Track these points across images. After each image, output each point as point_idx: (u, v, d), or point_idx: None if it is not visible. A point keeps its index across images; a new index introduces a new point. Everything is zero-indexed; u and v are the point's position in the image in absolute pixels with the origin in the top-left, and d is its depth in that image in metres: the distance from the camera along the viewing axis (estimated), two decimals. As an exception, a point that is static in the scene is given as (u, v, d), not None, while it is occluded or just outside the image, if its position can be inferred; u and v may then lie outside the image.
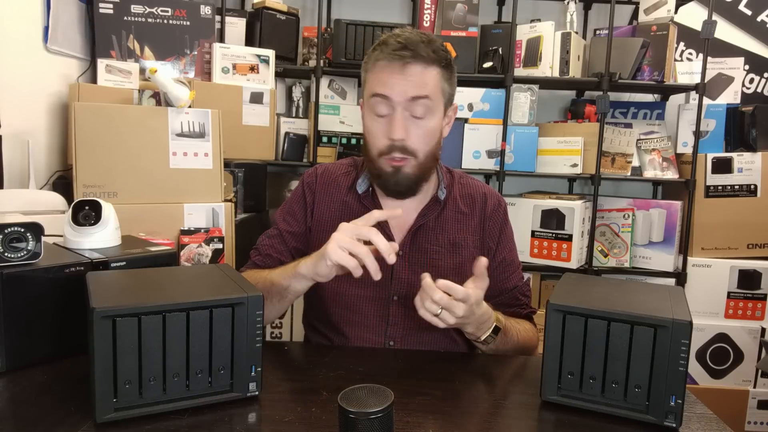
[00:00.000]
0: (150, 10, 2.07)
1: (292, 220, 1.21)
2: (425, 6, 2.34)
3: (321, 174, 1.23)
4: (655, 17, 2.35)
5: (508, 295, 1.21)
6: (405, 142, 1.07)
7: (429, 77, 1.06)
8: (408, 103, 1.06)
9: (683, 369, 0.78)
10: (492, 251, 1.20)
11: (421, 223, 1.16)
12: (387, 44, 1.07)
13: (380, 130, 1.09)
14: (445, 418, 0.82)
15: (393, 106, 1.06)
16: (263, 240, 1.23)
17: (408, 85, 1.05)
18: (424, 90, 1.06)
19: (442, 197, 1.18)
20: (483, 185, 1.26)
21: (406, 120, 1.07)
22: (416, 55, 1.04)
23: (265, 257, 1.20)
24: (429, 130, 1.09)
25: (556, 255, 2.33)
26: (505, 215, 1.24)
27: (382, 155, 1.09)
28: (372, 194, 1.18)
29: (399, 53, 1.04)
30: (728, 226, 2.35)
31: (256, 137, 2.14)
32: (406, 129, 1.06)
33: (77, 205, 1.08)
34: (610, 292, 0.91)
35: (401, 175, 1.09)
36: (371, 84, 1.09)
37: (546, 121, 2.59)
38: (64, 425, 0.74)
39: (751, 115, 2.35)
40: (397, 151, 1.07)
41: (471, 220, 1.20)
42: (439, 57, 1.07)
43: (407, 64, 1.04)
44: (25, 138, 1.73)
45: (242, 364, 0.82)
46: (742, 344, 2.33)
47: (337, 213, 1.19)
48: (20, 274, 0.90)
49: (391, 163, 1.09)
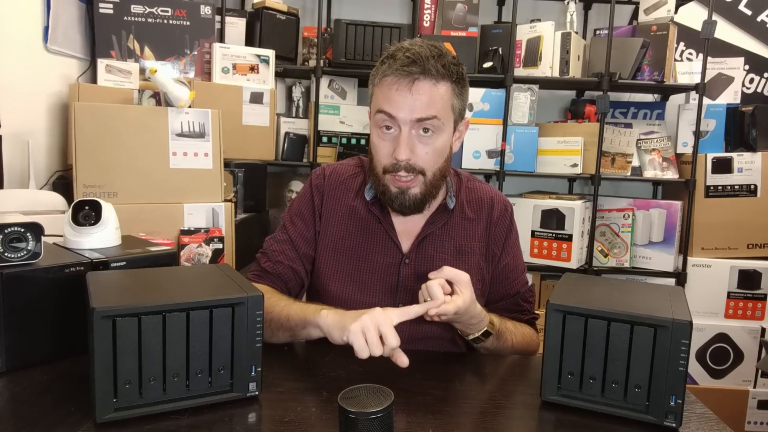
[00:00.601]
0: (150, 10, 2.07)
1: (301, 223, 1.18)
2: (425, 6, 2.34)
3: (329, 176, 1.20)
4: (655, 17, 2.35)
5: (509, 301, 1.20)
6: (410, 161, 1.04)
7: (438, 94, 1.02)
8: (414, 123, 1.02)
9: (683, 369, 0.78)
10: (496, 257, 1.19)
11: (428, 231, 1.14)
12: (395, 59, 1.02)
13: (385, 148, 1.06)
14: (445, 418, 0.82)
15: (399, 125, 1.03)
16: (272, 245, 1.19)
17: (415, 105, 1.01)
18: (431, 110, 1.02)
19: (451, 206, 1.15)
20: (490, 189, 1.24)
21: (412, 139, 1.03)
22: (425, 71, 1.00)
23: (275, 264, 1.16)
24: (436, 149, 1.06)
25: (556, 255, 2.33)
26: (511, 221, 1.22)
27: (387, 173, 1.06)
28: (380, 201, 1.15)
29: (407, 69, 1.00)
30: (728, 226, 2.35)
31: (256, 137, 2.14)
32: (411, 149, 1.03)
33: (77, 205, 1.08)
34: (610, 292, 0.91)
35: (408, 197, 1.06)
36: (378, 99, 1.05)
37: (546, 121, 2.59)
38: (64, 425, 0.74)
39: (751, 115, 2.35)
40: (402, 170, 1.04)
41: (477, 227, 1.18)
42: (449, 72, 1.03)
43: (416, 81, 1.00)
44: (25, 138, 1.73)
45: (242, 364, 0.82)
46: (742, 344, 2.33)
47: (344, 217, 1.17)
48: (20, 274, 0.90)
49: (396, 183, 1.06)
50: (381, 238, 1.14)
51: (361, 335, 0.87)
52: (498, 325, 1.07)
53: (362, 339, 0.87)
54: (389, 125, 1.04)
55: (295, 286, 1.18)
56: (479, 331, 1.04)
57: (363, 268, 1.13)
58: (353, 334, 0.87)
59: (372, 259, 1.13)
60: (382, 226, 1.14)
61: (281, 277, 1.16)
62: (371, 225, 1.15)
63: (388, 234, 1.14)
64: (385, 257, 1.14)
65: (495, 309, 1.15)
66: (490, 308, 1.12)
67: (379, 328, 0.88)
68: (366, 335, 0.87)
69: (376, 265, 1.14)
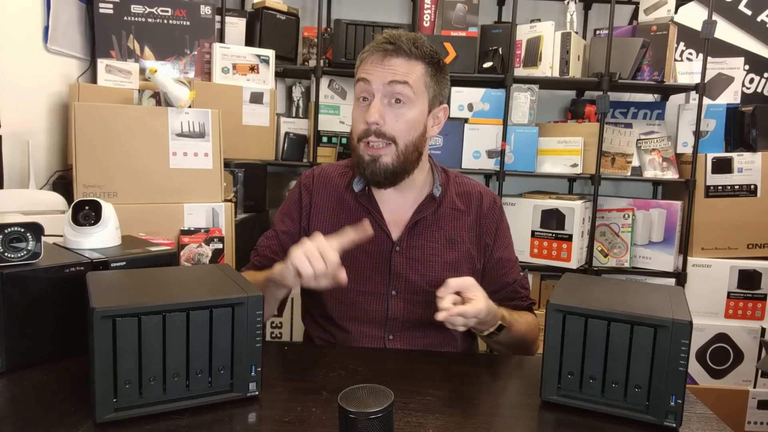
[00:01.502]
0: (150, 10, 2.07)
1: (288, 220, 1.24)
2: (425, 6, 2.34)
3: (318, 175, 1.25)
4: (655, 17, 2.35)
5: (508, 290, 1.23)
6: (381, 127, 1.09)
7: (410, 68, 1.09)
8: (387, 89, 1.08)
9: (683, 369, 0.78)
10: (489, 248, 1.22)
11: (417, 219, 1.18)
12: (375, 40, 1.11)
13: (359, 115, 1.12)
14: (445, 418, 0.82)
15: (373, 93, 1.09)
16: (262, 241, 1.26)
17: (386, 72, 1.08)
18: (403, 77, 1.08)
19: (437, 194, 1.19)
20: (478, 184, 1.27)
21: (384, 107, 1.09)
22: (398, 48, 1.08)
23: (262, 257, 1.23)
24: (408, 120, 1.10)
25: (556, 255, 2.33)
26: (501, 213, 1.26)
27: (360, 140, 1.12)
28: (369, 192, 1.19)
29: (382, 46, 1.09)
30: (728, 226, 2.35)
31: (256, 137, 2.14)
32: (381, 114, 1.08)
33: (77, 205, 1.08)
34: (610, 292, 0.91)
35: (379, 165, 1.10)
36: (357, 74, 1.13)
37: (546, 121, 2.58)
38: (64, 425, 0.74)
39: (751, 115, 2.35)
40: (372, 135, 1.09)
41: (467, 217, 1.21)
42: (422, 53, 1.10)
43: (388, 55, 1.08)
44: (25, 138, 1.73)
45: (242, 364, 0.82)
46: (742, 344, 2.33)
47: (333, 211, 1.21)
48: (20, 274, 0.90)
49: (368, 151, 1.11)
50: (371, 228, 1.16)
51: (303, 257, 0.93)
52: (508, 317, 1.10)
53: (305, 260, 0.93)
54: (365, 96, 1.11)
55: None
56: (494, 326, 1.06)
57: (355, 257, 1.15)
58: (295, 257, 0.94)
59: (363, 247, 1.14)
60: (372, 215, 1.17)
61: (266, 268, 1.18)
62: (361, 215, 1.17)
63: (378, 223, 1.17)
64: (376, 246, 1.16)
65: (495, 299, 1.15)
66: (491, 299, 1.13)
67: (318, 249, 0.94)
68: (308, 256, 0.93)
69: (367, 253, 1.16)
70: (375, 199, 1.19)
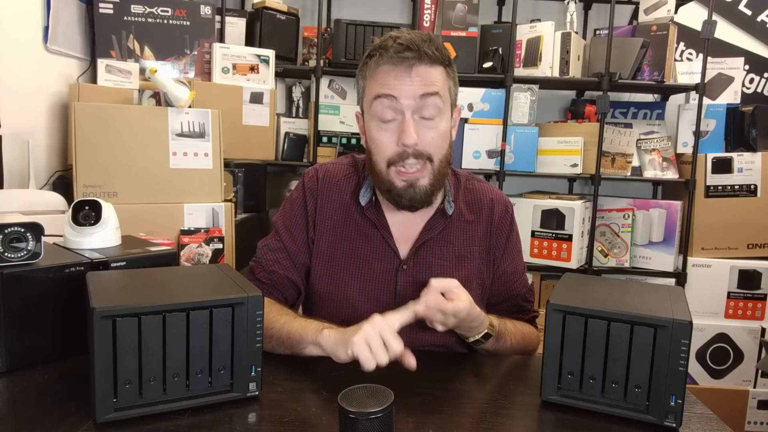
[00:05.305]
0: (150, 10, 2.07)
1: (295, 230, 1.14)
2: (425, 6, 2.34)
3: (322, 178, 1.15)
4: (655, 17, 2.35)
5: (511, 303, 1.19)
6: (418, 147, 1.00)
7: (436, 76, 1.00)
8: (417, 105, 0.99)
9: (683, 369, 0.78)
10: (497, 260, 1.17)
11: (426, 237, 1.11)
12: (387, 48, 0.99)
13: (388, 139, 1.01)
14: (445, 418, 0.82)
15: (401, 110, 0.99)
16: (265, 253, 1.14)
17: (416, 85, 0.98)
18: (434, 87, 0.99)
19: (449, 212, 1.12)
20: (489, 189, 1.20)
21: (416, 124, 1.00)
22: (421, 55, 0.97)
23: (270, 273, 1.13)
24: (441, 133, 1.02)
25: (556, 255, 2.33)
26: (512, 222, 1.19)
27: (391, 165, 1.02)
28: (376, 205, 1.11)
29: (402, 55, 0.97)
30: (728, 226, 2.35)
31: (256, 137, 2.14)
32: (417, 134, 0.99)
33: (77, 205, 1.08)
34: (610, 292, 0.91)
35: (417, 190, 1.02)
36: (374, 88, 1.01)
37: (546, 121, 2.58)
38: (64, 425, 0.74)
39: (751, 115, 2.35)
40: (410, 158, 1.00)
41: (477, 230, 1.15)
42: (442, 56, 1.01)
43: (413, 66, 0.98)
44: (25, 138, 1.73)
45: (242, 364, 0.82)
46: (742, 344, 2.33)
47: (339, 222, 1.13)
48: (20, 274, 0.90)
49: (403, 176, 1.02)
50: (377, 244, 1.11)
51: (365, 346, 0.85)
52: (498, 327, 1.06)
53: (367, 350, 0.85)
54: (389, 114, 1.00)
55: (292, 294, 1.15)
56: (480, 333, 1.03)
57: (359, 275, 1.11)
58: (357, 345, 0.85)
59: (369, 265, 1.10)
60: (379, 231, 1.11)
61: (278, 287, 1.13)
62: (367, 230, 1.11)
63: (385, 239, 1.11)
64: (383, 263, 1.10)
65: (497, 311, 1.14)
66: (492, 310, 1.12)
67: (381, 336, 0.86)
68: (370, 345, 0.85)
69: (373, 271, 1.10)
70: (383, 213, 1.11)
